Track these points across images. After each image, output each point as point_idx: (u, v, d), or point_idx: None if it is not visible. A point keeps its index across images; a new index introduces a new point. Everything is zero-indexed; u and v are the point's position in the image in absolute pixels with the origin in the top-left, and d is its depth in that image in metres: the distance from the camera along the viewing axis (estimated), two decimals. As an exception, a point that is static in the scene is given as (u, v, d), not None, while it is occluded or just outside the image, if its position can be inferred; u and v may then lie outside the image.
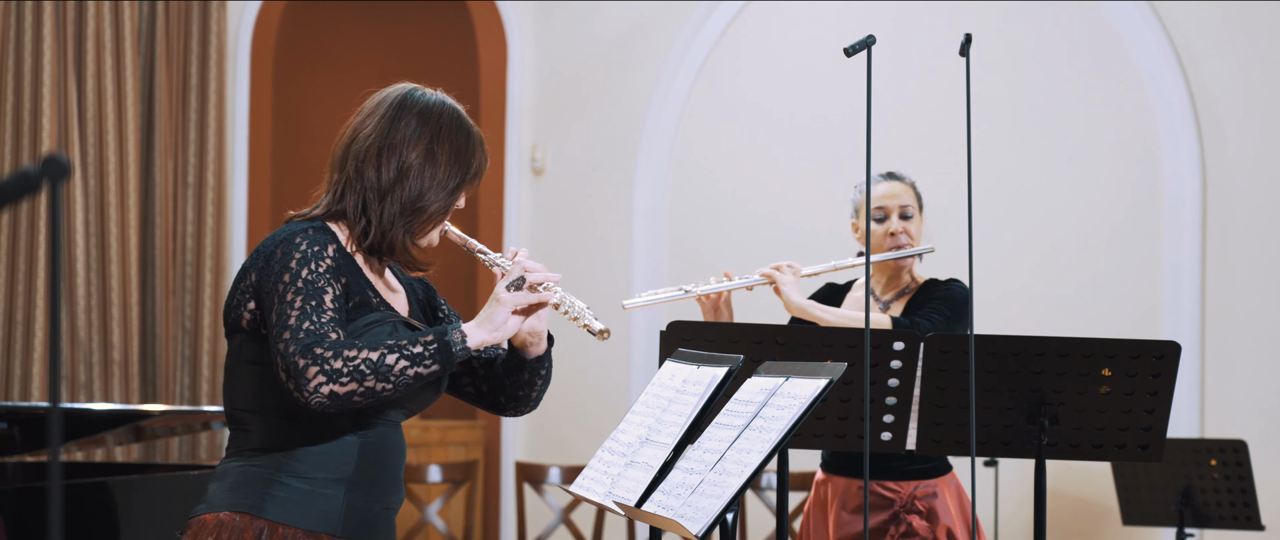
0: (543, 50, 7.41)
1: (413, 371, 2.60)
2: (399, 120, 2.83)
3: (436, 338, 2.62)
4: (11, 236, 6.44)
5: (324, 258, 2.67)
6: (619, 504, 2.82)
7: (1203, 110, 6.10)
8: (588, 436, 6.79)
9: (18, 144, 6.39)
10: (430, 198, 2.79)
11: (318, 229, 2.73)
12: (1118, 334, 4.38)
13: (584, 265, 7.29)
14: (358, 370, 2.57)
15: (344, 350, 2.57)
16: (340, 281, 2.68)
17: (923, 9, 6.55)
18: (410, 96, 2.88)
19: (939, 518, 4.06)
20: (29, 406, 4.89)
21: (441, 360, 2.61)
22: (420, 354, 2.61)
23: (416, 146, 2.79)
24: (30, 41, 6.37)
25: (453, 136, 2.83)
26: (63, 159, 1.69)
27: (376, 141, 2.79)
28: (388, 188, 2.77)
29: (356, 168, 2.78)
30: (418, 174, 2.78)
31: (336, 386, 2.56)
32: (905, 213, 4.16)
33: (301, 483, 2.68)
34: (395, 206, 2.77)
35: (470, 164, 2.84)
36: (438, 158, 2.80)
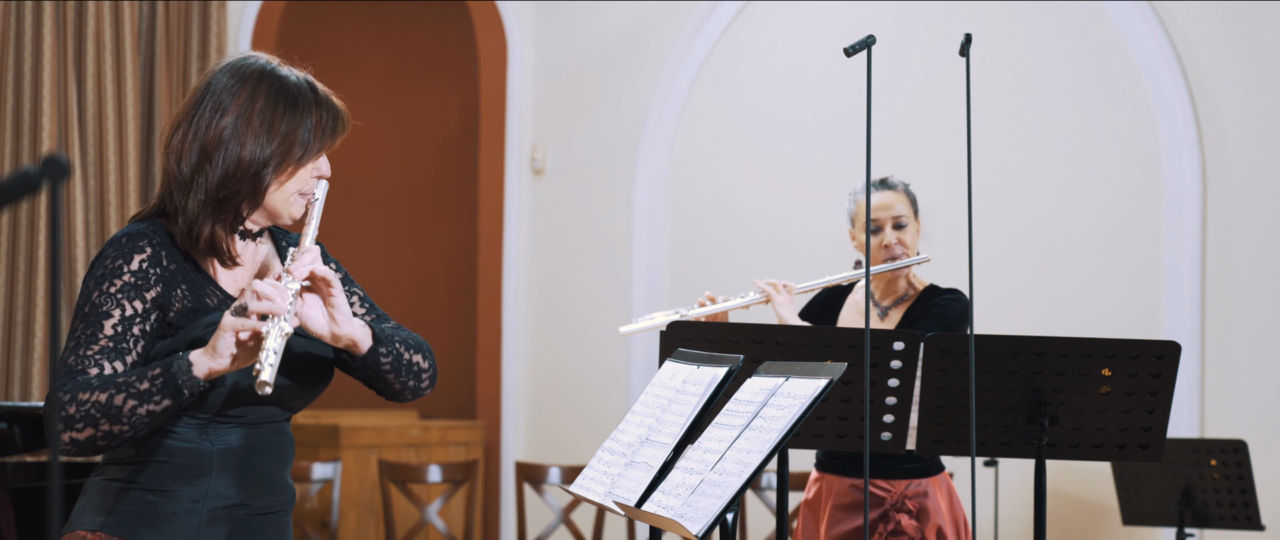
0: (543, 50, 7.41)
1: (143, 409, 2.42)
2: (206, 98, 2.56)
3: (163, 371, 2.42)
4: (11, 236, 6.44)
5: (121, 273, 2.50)
6: (619, 504, 2.82)
7: (1203, 110, 6.10)
8: (588, 436, 6.80)
9: (18, 144, 6.39)
10: (235, 183, 2.52)
11: (133, 235, 2.53)
12: (1118, 334, 4.37)
13: (584, 265, 7.29)
14: (89, 415, 2.41)
15: (78, 394, 2.42)
16: (143, 297, 2.50)
17: (923, 9, 6.55)
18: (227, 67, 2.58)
19: (930, 516, 4.07)
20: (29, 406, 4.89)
21: (171, 394, 2.42)
22: (148, 391, 2.42)
23: (219, 124, 2.53)
24: (30, 41, 6.37)
25: (265, 107, 2.54)
26: (63, 159, 1.69)
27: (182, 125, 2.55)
28: (190, 176, 2.52)
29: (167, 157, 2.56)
30: (222, 157, 2.52)
31: (75, 433, 2.43)
32: (899, 223, 4.13)
33: (155, 495, 2.54)
34: (199, 196, 2.52)
35: (293, 136, 2.55)
36: (243, 135, 2.52)
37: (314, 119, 2.59)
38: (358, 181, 7.45)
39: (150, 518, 2.54)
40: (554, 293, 7.36)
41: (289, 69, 2.63)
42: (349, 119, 2.67)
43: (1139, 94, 6.20)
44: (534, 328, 7.39)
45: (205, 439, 2.56)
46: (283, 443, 2.66)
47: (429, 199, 7.51)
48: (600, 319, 7.21)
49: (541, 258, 7.38)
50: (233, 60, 2.61)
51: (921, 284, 4.19)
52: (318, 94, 2.62)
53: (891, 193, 4.16)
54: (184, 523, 2.55)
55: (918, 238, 4.18)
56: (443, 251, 7.51)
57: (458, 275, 7.47)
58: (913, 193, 4.21)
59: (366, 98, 7.45)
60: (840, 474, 4.15)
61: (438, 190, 7.47)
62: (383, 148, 7.44)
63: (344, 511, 6.63)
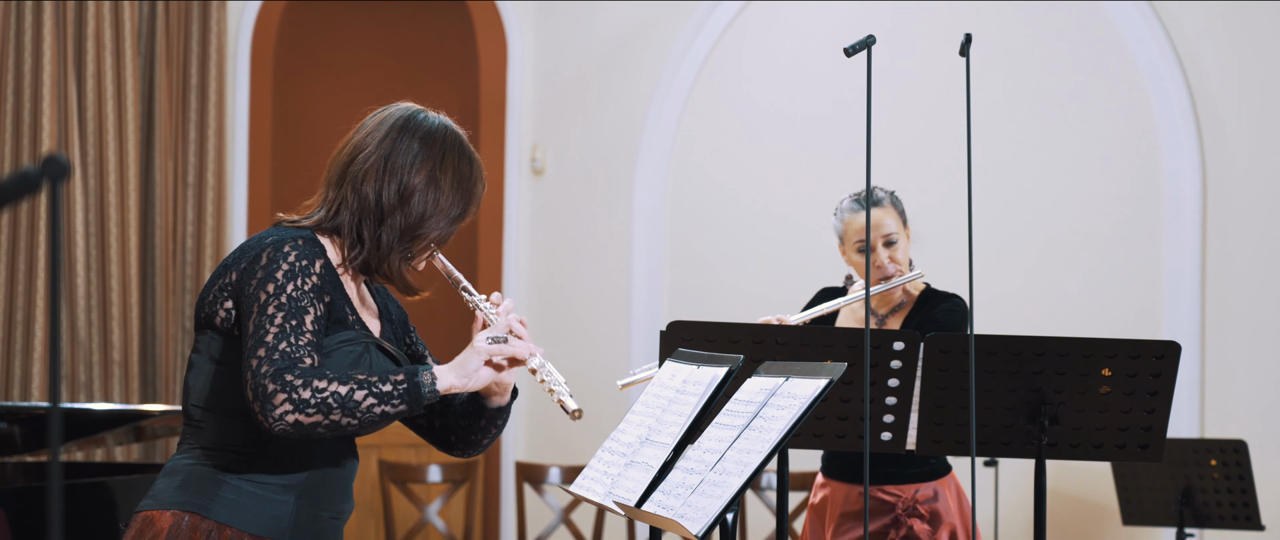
0: (543, 50, 7.41)
1: (380, 409, 2.58)
2: (401, 142, 2.78)
3: (407, 378, 2.60)
4: (11, 236, 6.44)
5: (311, 273, 2.64)
6: (619, 504, 2.82)
7: (1203, 110, 6.10)
8: (588, 436, 6.79)
9: (18, 144, 6.39)
10: (432, 225, 2.76)
11: (308, 240, 2.68)
12: (1118, 334, 4.37)
13: (584, 265, 7.29)
14: (325, 403, 2.54)
15: (314, 380, 2.55)
16: (324, 300, 2.65)
17: (922, 9, 6.55)
18: (414, 118, 2.81)
19: (942, 519, 4.04)
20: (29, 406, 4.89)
21: (409, 401, 2.59)
22: (389, 393, 2.58)
23: (420, 171, 2.75)
24: (30, 41, 6.37)
25: (457, 163, 2.79)
26: (63, 159, 1.69)
27: (377, 162, 2.75)
28: (388, 210, 2.73)
29: (355, 186, 2.74)
30: (421, 199, 2.74)
31: (302, 416, 2.54)
32: (889, 240, 4.07)
33: (252, 486, 2.65)
34: (395, 231, 2.73)
35: (473, 192, 2.81)
36: (441, 184, 2.76)
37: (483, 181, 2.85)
38: (358, 181, 7.45)
39: (244, 505, 2.65)
40: (554, 293, 7.36)
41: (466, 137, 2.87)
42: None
43: (1139, 94, 6.20)
44: (534, 328, 7.38)
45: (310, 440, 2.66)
46: (355, 456, 2.81)
47: (429, 199, 7.49)
48: (600, 319, 7.21)
49: (541, 258, 7.38)
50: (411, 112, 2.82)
51: (918, 289, 4.16)
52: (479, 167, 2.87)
53: (878, 210, 4.08)
54: (274, 513, 2.66)
55: (908, 247, 4.12)
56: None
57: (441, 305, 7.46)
58: (898, 201, 4.14)
59: (366, 98, 7.42)
60: (847, 481, 4.12)
61: (438, 190, 7.46)
62: (383, 148, 7.43)
63: (344, 511, 6.62)
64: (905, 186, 6.42)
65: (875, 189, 4.14)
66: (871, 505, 4.05)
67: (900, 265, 4.07)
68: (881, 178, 5.86)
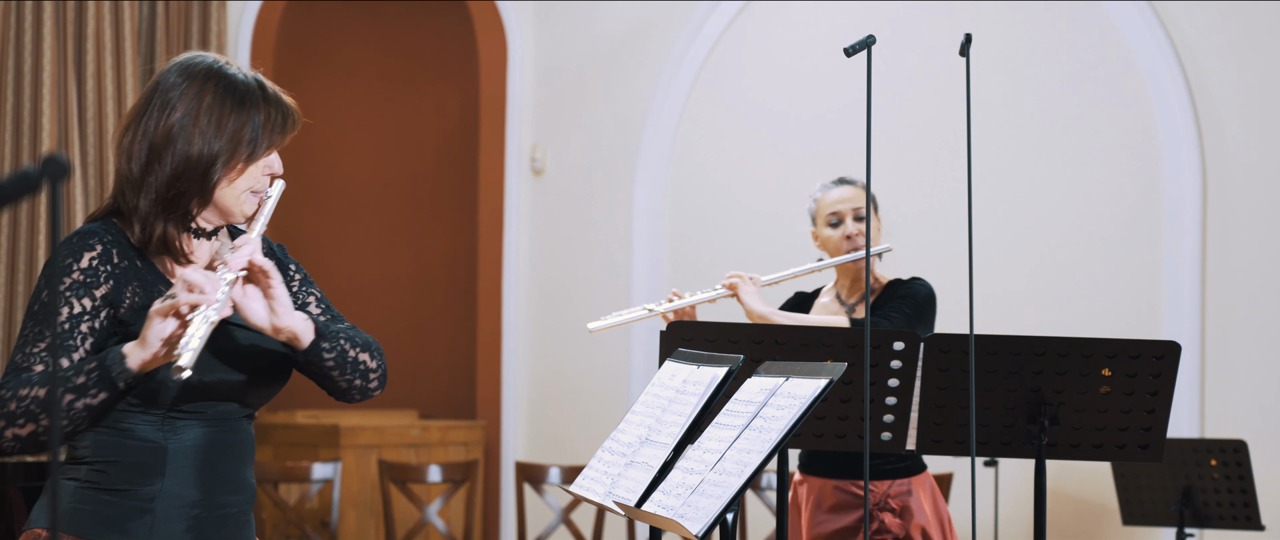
0: (543, 50, 7.41)
1: (81, 403, 2.43)
2: (153, 99, 2.56)
3: (98, 364, 2.42)
4: (11, 236, 6.44)
5: (71, 271, 2.51)
6: (619, 504, 2.82)
7: (1203, 110, 6.10)
8: (588, 436, 6.79)
9: (18, 144, 6.40)
10: (184, 182, 2.53)
11: (84, 234, 2.53)
12: (1118, 334, 4.37)
13: (584, 265, 7.29)
14: (29, 410, 2.43)
15: (19, 389, 2.43)
16: (92, 294, 2.50)
17: (922, 9, 6.55)
18: (175, 67, 2.59)
19: (913, 515, 4.09)
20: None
21: (105, 387, 2.42)
22: (83, 384, 2.43)
23: (167, 122, 2.53)
24: (30, 41, 6.37)
25: (212, 105, 2.54)
26: (63, 159, 1.69)
27: (131, 125, 2.56)
28: (140, 176, 2.54)
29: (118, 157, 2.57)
30: (170, 155, 2.53)
31: (17, 429, 2.44)
32: (859, 215, 4.23)
33: (110, 494, 2.54)
34: (150, 195, 2.54)
35: (238, 134, 2.55)
36: (191, 132, 2.53)
37: (263, 116, 2.58)
38: (358, 182, 7.45)
39: (105, 516, 2.54)
40: (554, 293, 7.35)
41: (237, 67, 2.62)
42: (299, 116, 2.66)
43: (1139, 94, 6.20)
44: (534, 328, 7.39)
45: (162, 436, 2.56)
46: (242, 441, 2.65)
47: (429, 199, 7.50)
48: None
49: (541, 258, 7.38)
50: (181, 59, 2.62)
51: (885, 279, 4.24)
52: (266, 91, 2.61)
53: (851, 187, 4.29)
54: (139, 522, 2.54)
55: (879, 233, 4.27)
56: (443, 251, 7.51)
57: (458, 275, 7.47)
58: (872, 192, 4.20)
59: (366, 98, 7.45)
60: (822, 476, 4.18)
61: (438, 190, 7.47)
62: (383, 148, 7.44)
63: (344, 511, 6.63)
64: (905, 186, 6.44)
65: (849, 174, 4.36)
66: (844, 499, 4.13)
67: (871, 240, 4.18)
68: (881, 177, 5.87)
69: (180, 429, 2.57)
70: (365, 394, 2.69)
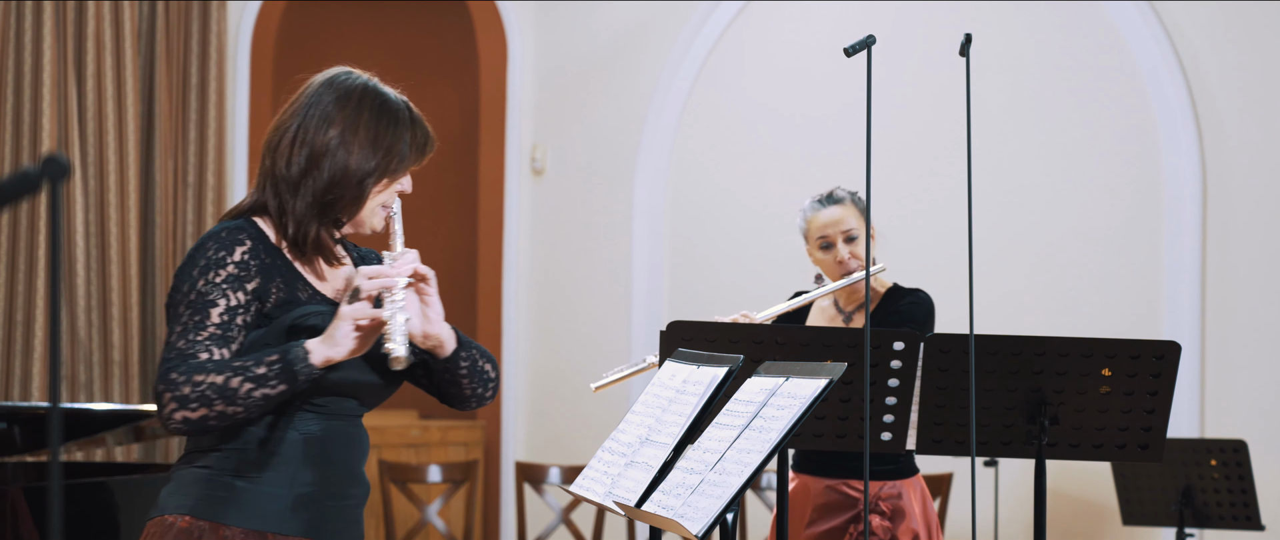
0: (543, 50, 7.41)
1: (259, 393, 2.53)
2: (315, 106, 2.72)
3: (280, 357, 2.54)
4: (11, 236, 6.44)
5: (225, 264, 2.60)
6: (619, 504, 2.82)
7: (1203, 110, 6.10)
8: (588, 436, 6.79)
9: (18, 144, 6.39)
10: (341, 189, 2.67)
11: (232, 229, 2.65)
12: (1118, 334, 4.37)
13: (584, 265, 7.29)
14: (204, 395, 2.51)
15: (193, 375, 2.52)
16: (245, 288, 2.60)
17: (922, 9, 6.55)
18: (331, 80, 2.76)
19: (903, 517, 4.07)
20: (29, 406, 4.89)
21: (287, 380, 2.54)
22: (264, 375, 2.53)
23: (328, 132, 2.68)
24: (30, 41, 6.37)
25: (370, 121, 2.71)
26: (63, 159, 1.69)
27: (290, 129, 2.69)
28: (298, 178, 2.67)
29: (272, 159, 2.69)
30: (330, 163, 2.67)
31: (188, 412, 2.52)
32: (850, 236, 4.14)
33: (243, 482, 2.64)
34: (307, 198, 2.67)
35: (391, 150, 2.71)
36: (350, 145, 2.68)
37: (410, 136, 2.75)
38: (358, 181, 7.45)
39: (237, 502, 2.64)
40: (554, 293, 7.36)
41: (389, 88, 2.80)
42: (435, 141, 2.82)
43: (1139, 94, 6.20)
44: (534, 328, 7.39)
45: (289, 428, 2.66)
46: (360, 436, 2.76)
47: (429, 199, 7.51)
48: (600, 319, 7.21)
49: (541, 258, 7.38)
50: (335, 73, 2.77)
51: (884, 286, 4.19)
52: (413, 114, 2.78)
53: (838, 207, 4.18)
54: (270, 507, 2.65)
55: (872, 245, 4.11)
56: (443, 251, 7.51)
57: (458, 275, 7.47)
58: (860, 200, 4.20)
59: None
60: (816, 474, 4.16)
61: (438, 190, 7.47)
62: (383, 148, 7.43)
63: (344, 511, 6.62)
64: (905, 186, 6.45)
65: (836, 188, 4.24)
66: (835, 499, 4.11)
67: (861, 260, 4.12)
68: (881, 178, 5.88)
69: (305, 421, 2.68)
70: (481, 402, 2.82)
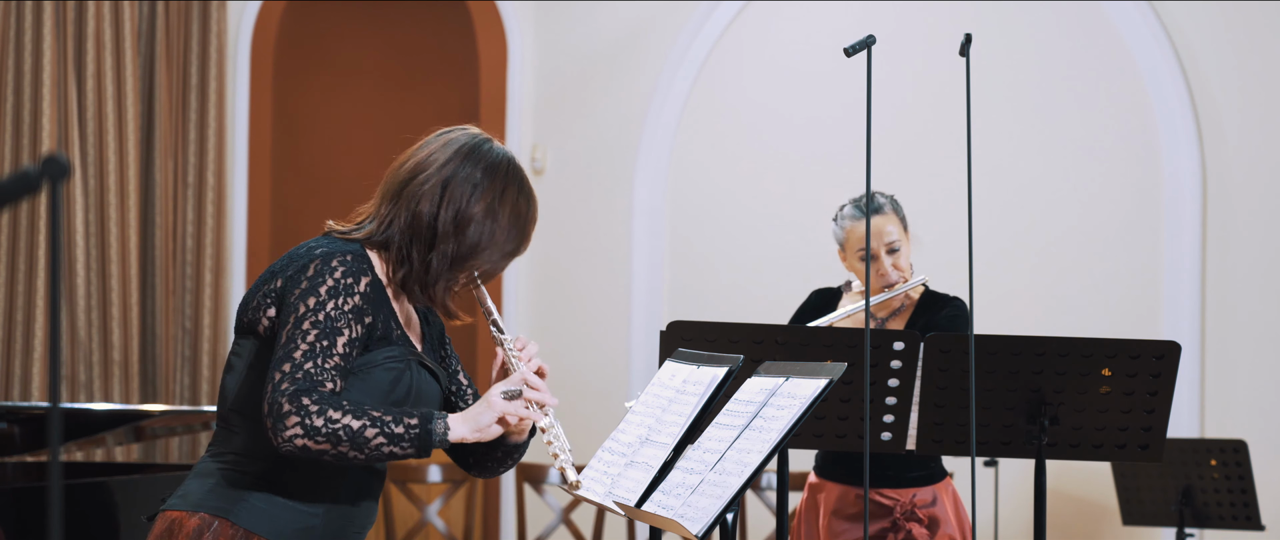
0: (543, 50, 7.41)
1: (388, 450, 2.56)
2: (464, 168, 2.75)
3: (420, 424, 2.58)
4: (11, 236, 6.44)
5: (354, 292, 2.63)
6: (619, 504, 2.82)
7: (1203, 110, 6.10)
8: (588, 436, 6.79)
9: (18, 144, 6.39)
10: (484, 257, 2.74)
11: (356, 256, 2.66)
12: (1118, 334, 4.37)
13: (584, 265, 7.29)
14: (335, 434, 2.53)
15: (329, 409, 2.53)
16: (363, 321, 2.63)
17: (922, 9, 6.55)
18: (480, 147, 2.79)
19: (940, 525, 4.01)
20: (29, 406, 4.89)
21: (418, 446, 2.58)
22: (400, 436, 2.56)
23: (480, 201, 2.72)
24: (30, 41, 6.37)
25: (516, 198, 2.76)
26: (63, 159, 1.69)
27: (437, 185, 2.73)
28: (443, 236, 2.71)
29: (411, 205, 2.72)
30: (476, 229, 2.72)
31: (310, 442, 2.53)
32: (892, 248, 3.98)
33: (283, 497, 2.64)
34: (446, 257, 2.71)
35: (527, 231, 2.79)
36: (499, 217, 2.74)
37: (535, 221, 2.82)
38: (358, 182, 7.44)
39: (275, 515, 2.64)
40: (554, 293, 7.36)
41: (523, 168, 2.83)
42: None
43: (1139, 94, 6.20)
44: (534, 328, 7.39)
45: None
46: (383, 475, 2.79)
47: (429, 199, 7.50)
48: (600, 319, 7.21)
49: (541, 258, 7.38)
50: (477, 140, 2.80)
51: (918, 291, 4.11)
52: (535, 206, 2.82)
53: (880, 217, 3.98)
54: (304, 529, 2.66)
55: (910, 251, 4.04)
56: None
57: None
58: (899, 206, 4.06)
59: (366, 98, 7.44)
60: (840, 482, 4.07)
61: (438, 190, 7.46)
62: (383, 148, 7.42)
63: (344, 511, 6.62)
64: (905, 187, 6.43)
65: (876, 195, 4.04)
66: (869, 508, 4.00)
67: (903, 272, 3.99)
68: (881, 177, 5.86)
69: None
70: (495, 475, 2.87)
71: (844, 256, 4.07)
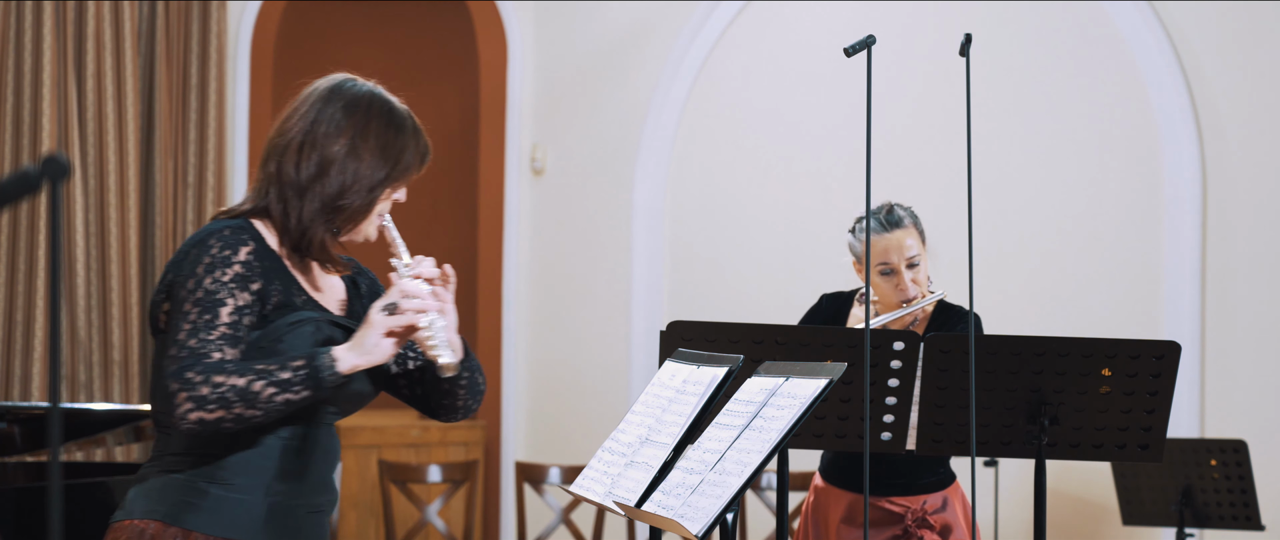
0: (543, 50, 7.41)
1: (282, 398, 2.52)
2: (323, 113, 2.71)
3: (306, 363, 2.53)
4: (11, 236, 6.44)
5: (232, 264, 2.58)
6: (619, 504, 2.82)
7: (1203, 110, 6.10)
8: (588, 436, 6.80)
9: (18, 144, 6.39)
10: (352, 196, 2.67)
11: (235, 229, 2.63)
12: (1118, 334, 4.37)
13: (584, 265, 7.29)
14: (223, 398, 2.49)
15: (212, 376, 2.49)
16: (249, 289, 2.59)
17: (923, 9, 6.55)
18: (339, 87, 2.75)
19: (952, 530, 3.97)
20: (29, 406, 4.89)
21: (312, 386, 2.53)
22: (288, 380, 2.52)
23: (338, 140, 2.68)
24: (30, 41, 6.37)
25: (379, 130, 2.70)
26: (63, 159, 1.69)
27: (298, 135, 2.68)
28: (307, 184, 2.66)
29: (278, 163, 2.68)
30: (339, 170, 2.66)
31: (205, 413, 2.49)
32: (912, 263, 3.90)
33: (219, 488, 2.61)
34: (315, 203, 2.66)
35: (398, 159, 2.71)
36: (361, 152, 2.68)
37: (414, 145, 2.76)
38: (358, 181, 7.45)
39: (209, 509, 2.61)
40: (554, 293, 7.36)
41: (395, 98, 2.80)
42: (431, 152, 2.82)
43: (1139, 94, 6.20)
44: (534, 328, 7.39)
45: (268, 433, 2.63)
46: (334, 444, 2.74)
47: (429, 199, 7.51)
48: (600, 319, 7.21)
49: (541, 258, 7.38)
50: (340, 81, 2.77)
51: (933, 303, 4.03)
52: (415, 124, 2.78)
53: (899, 231, 3.89)
54: (243, 516, 2.62)
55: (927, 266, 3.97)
56: (443, 251, 7.50)
57: (458, 275, 7.46)
58: (917, 218, 3.98)
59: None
60: (847, 488, 4.02)
61: (438, 190, 7.47)
62: (383, 148, 7.43)
63: (344, 511, 6.63)
64: (905, 187, 6.43)
65: (895, 207, 3.97)
66: (878, 515, 3.96)
67: (921, 286, 3.93)
68: (880, 177, 5.86)
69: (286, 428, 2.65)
70: (468, 414, 2.82)
71: (859, 269, 4.00)
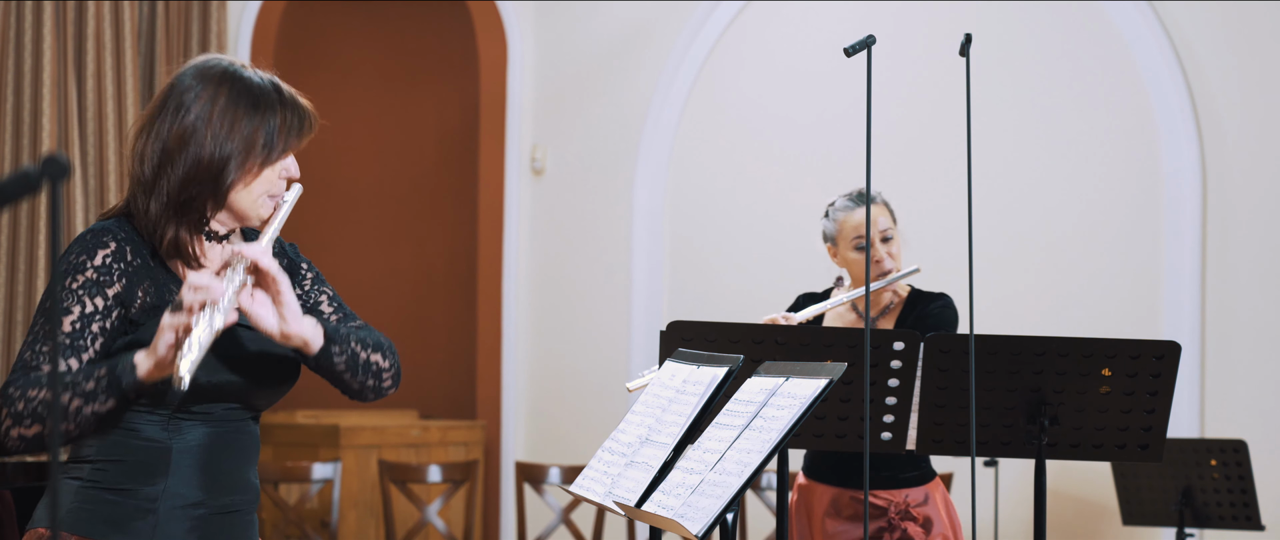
0: (543, 50, 7.41)
1: (88, 409, 2.40)
2: (166, 102, 2.54)
3: (108, 371, 2.40)
4: (11, 236, 6.44)
5: (84, 269, 2.48)
6: (619, 504, 2.82)
7: (1203, 110, 6.10)
8: (588, 436, 6.80)
9: (18, 144, 6.39)
10: (196, 185, 2.51)
11: (97, 232, 2.51)
12: (1118, 334, 4.37)
13: (584, 265, 7.29)
14: (36, 412, 2.41)
15: (27, 390, 2.41)
16: (105, 293, 2.48)
17: (922, 9, 6.55)
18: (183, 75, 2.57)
19: (934, 524, 4.02)
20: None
21: (114, 394, 2.40)
22: (93, 391, 2.40)
23: (180, 125, 2.51)
24: (30, 41, 6.37)
25: (226, 107, 2.53)
26: (63, 159, 1.69)
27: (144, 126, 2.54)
28: (151, 179, 2.52)
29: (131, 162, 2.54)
30: (182, 158, 2.50)
31: (24, 430, 2.42)
32: (886, 236, 4.02)
33: (113, 493, 2.52)
34: (160, 199, 2.51)
35: (254, 136, 2.53)
36: (203, 135, 2.50)
37: (278, 119, 2.57)
38: (358, 182, 7.45)
39: (108, 516, 2.52)
40: (554, 293, 7.36)
41: (253, 70, 2.61)
42: (316, 119, 2.65)
43: (1139, 94, 6.20)
44: (534, 328, 7.39)
45: (166, 436, 2.54)
46: (247, 441, 2.63)
47: (429, 199, 7.51)
48: (600, 319, 7.21)
49: (541, 258, 7.38)
50: (197, 62, 2.59)
51: (906, 290, 4.12)
52: (282, 94, 2.60)
53: (873, 206, 4.02)
54: (142, 522, 2.53)
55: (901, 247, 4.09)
56: (443, 251, 7.51)
57: (458, 275, 7.47)
58: (888, 202, 4.11)
59: (366, 98, 7.44)
60: (829, 483, 4.07)
61: (438, 190, 7.47)
62: (383, 148, 7.44)
63: (344, 511, 6.63)
64: (905, 187, 6.44)
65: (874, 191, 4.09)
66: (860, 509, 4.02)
67: (897, 261, 4.04)
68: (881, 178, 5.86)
69: (185, 429, 2.55)
70: (379, 393, 2.67)
71: (834, 252, 4.10)
